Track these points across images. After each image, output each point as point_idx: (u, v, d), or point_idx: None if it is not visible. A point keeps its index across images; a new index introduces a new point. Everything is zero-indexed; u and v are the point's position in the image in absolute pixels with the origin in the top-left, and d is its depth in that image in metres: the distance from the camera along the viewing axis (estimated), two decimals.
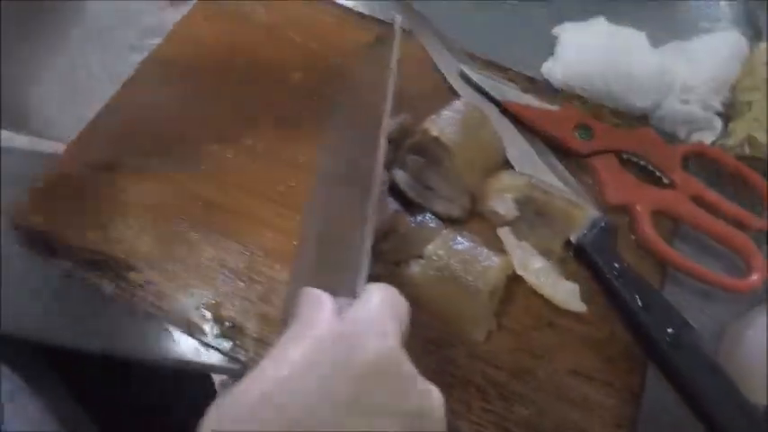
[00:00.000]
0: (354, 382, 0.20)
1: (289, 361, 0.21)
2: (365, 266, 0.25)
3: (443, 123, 0.37)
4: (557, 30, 0.50)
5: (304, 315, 0.23)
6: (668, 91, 0.45)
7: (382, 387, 0.20)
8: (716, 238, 0.40)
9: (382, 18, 0.49)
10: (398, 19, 0.34)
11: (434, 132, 0.36)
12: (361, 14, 0.49)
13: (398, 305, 0.24)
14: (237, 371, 0.35)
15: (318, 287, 0.24)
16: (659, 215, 0.40)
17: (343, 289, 0.24)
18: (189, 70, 0.46)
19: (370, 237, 0.25)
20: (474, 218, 0.39)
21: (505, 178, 0.36)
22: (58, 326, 0.36)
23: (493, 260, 0.33)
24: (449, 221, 0.37)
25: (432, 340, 0.36)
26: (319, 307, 0.23)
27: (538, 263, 0.33)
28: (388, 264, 0.36)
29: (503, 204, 0.35)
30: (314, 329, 0.22)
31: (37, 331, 0.36)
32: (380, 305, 0.23)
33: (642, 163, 0.42)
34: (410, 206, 0.38)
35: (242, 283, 0.36)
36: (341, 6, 0.49)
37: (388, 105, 0.30)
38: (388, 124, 0.37)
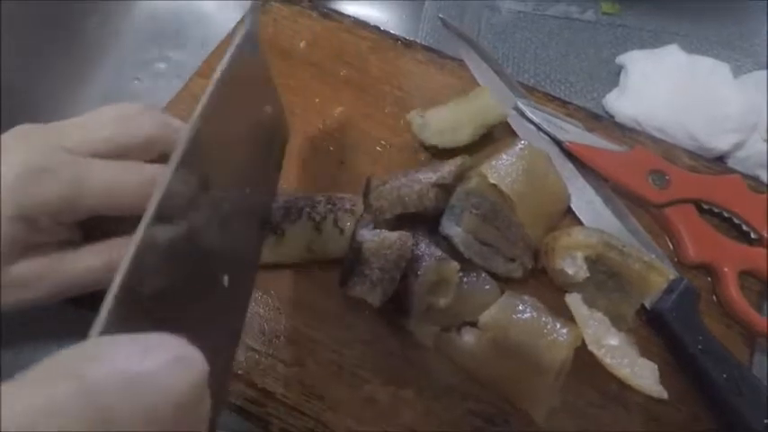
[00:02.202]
0: None
1: None
2: None
3: (503, 170, 0.33)
4: (621, 58, 0.45)
5: None
6: (753, 129, 0.40)
7: None
8: None
9: (426, 44, 0.45)
10: None
11: (493, 179, 0.32)
12: (405, 40, 0.45)
13: None
14: None
15: None
16: (745, 275, 0.35)
17: None
18: None
19: None
20: (532, 275, 0.35)
21: (579, 235, 0.31)
22: None
23: (561, 333, 0.29)
24: (505, 281, 0.33)
25: (481, 415, 0.32)
26: None
27: (613, 339, 0.29)
28: (436, 326, 0.32)
29: (572, 265, 0.31)
30: None
31: None
32: None
33: (725, 215, 0.37)
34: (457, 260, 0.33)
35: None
36: (382, 32, 0.46)
37: None
38: (444, 168, 0.33)
